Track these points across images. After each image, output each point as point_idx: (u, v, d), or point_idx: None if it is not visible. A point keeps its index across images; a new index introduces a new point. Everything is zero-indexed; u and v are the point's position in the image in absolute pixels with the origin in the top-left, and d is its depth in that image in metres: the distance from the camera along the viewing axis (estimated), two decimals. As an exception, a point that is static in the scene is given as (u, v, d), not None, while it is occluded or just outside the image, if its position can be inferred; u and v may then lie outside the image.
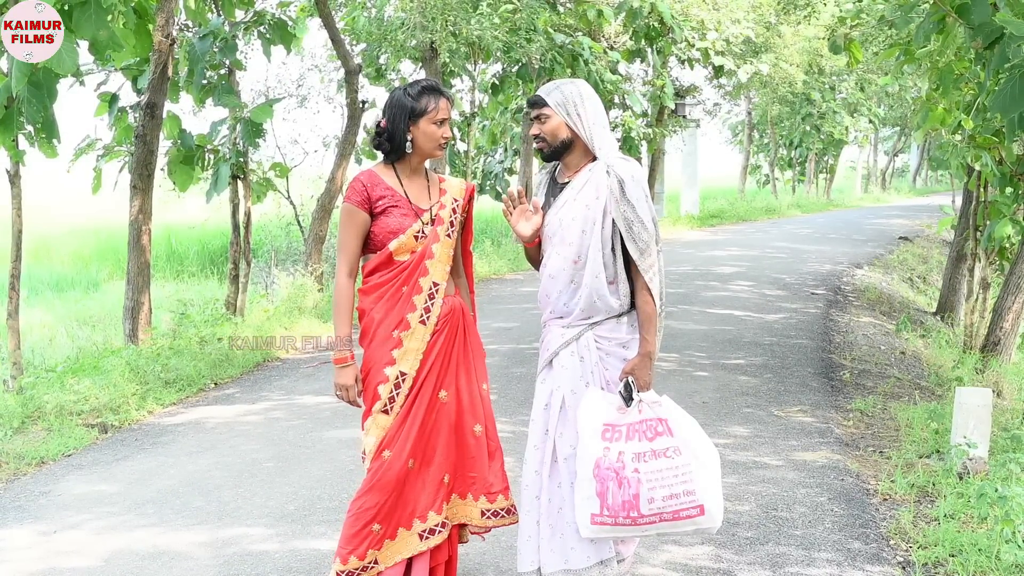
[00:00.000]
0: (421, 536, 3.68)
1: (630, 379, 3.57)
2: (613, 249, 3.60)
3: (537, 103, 3.64)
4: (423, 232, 3.68)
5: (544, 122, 3.62)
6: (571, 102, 3.59)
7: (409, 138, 3.64)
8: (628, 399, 3.54)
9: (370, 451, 3.64)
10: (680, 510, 3.45)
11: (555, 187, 3.73)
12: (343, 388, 3.70)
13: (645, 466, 3.46)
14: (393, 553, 3.65)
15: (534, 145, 3.71)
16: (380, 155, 3.76)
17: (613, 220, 3.57)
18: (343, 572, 3.59)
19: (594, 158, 3.64)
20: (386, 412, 3.63)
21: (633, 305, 3.67)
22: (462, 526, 3.87)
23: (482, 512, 3.80)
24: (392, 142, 3.67)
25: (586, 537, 3.51)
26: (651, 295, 3.61)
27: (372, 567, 3.62)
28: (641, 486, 3.43)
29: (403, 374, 3.64)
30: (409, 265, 3.67)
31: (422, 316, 3.66)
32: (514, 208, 3.70)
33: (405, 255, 3.67)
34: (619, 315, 3.65)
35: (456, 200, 3.79)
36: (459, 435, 3.76)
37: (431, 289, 3.68)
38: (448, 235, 3.74)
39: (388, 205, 3.65)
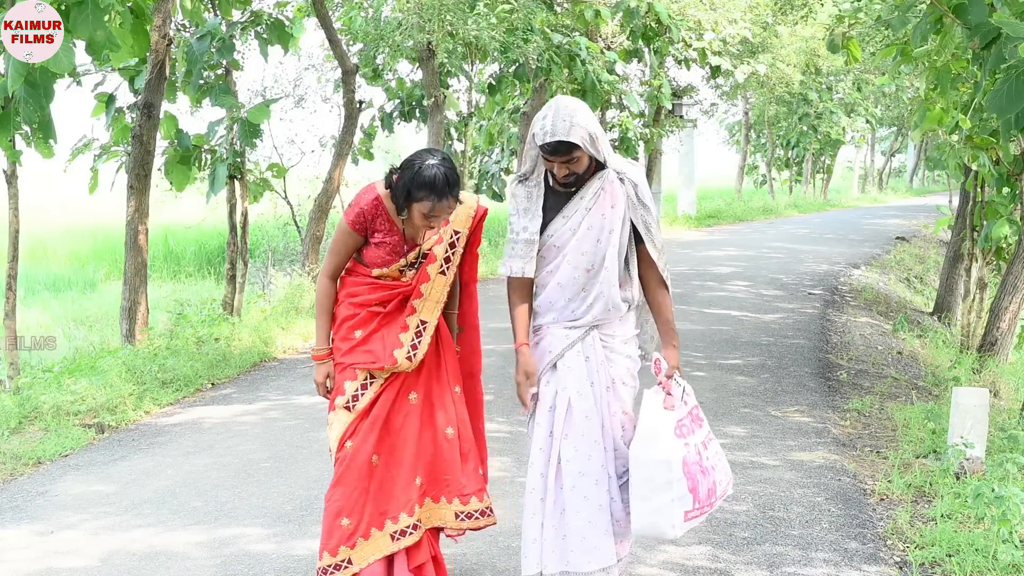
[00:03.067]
0: (393, 537, 3.69)
1: (677, 374, 3.65)
2: (626, 255, 3.64)
3: (568, 150, 3.47)
4: (406, 270, 3.72)
5: (575, 163, 3.51)
6: (589, 133, 3.48)
7: (405, 206, 3.63)
8: (682, 393, 3.65)
9: (333, 445, 3.68)
10: (726, 485, 3.73)
11: (557, 196, 3.64)
12: (317, 384, 3.80)
13: (709, 452, 3.65)
14: (367, 554, 3.67)
15: (561, 181, 3.57)
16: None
17: (630, 226, 3.61)
18: (319, 568, 3.65)
19: (599, 166, 3.62)
20: (348, 409, 3.66)
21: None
22: (439, 530, 3.87)
23: (456, 514, 3.81)
24: (394, 195, 3.64)
25: (675, 537, 3.60)
26: (668, 291, 3.70)
27: (346, 567, 3.63)
28: (715, 471, 3.64)
29: (372, 378, 3.69)
30: (386, 287, 3.72)
31: (409, 353, 3.69)
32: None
33: (386, 279, 3.73)
34: (623, 313, 3.68)
35: (457, 233, 3.75)
36: (431, 438, 3.77)
37: (418, 327, 3.70)
38: (442, 272, 3.73)
39: (381, 239, 3.67)
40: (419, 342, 3.69)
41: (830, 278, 14.62)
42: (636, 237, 3.66)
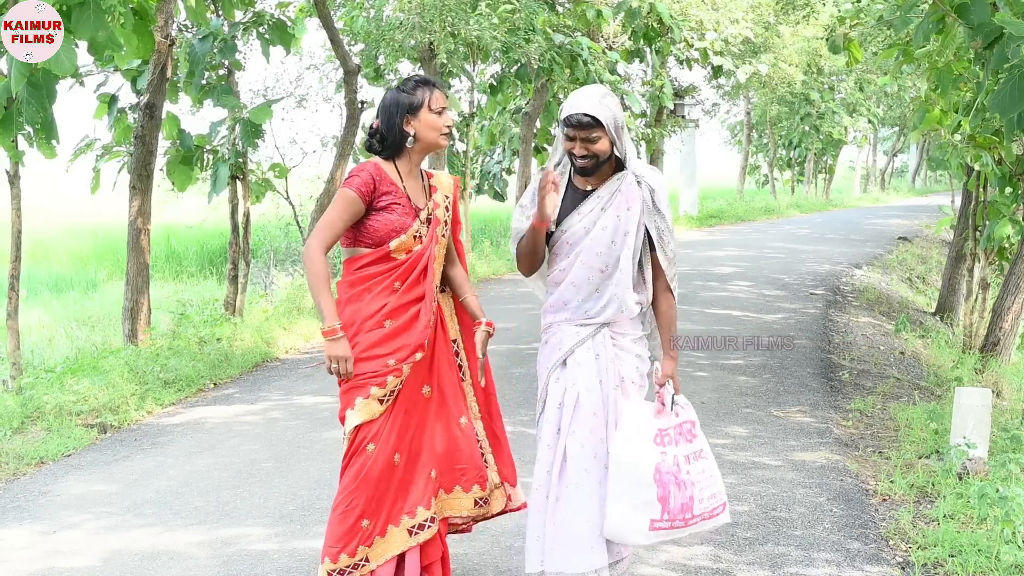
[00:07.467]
0: (410, 532, 3.68)
1: (671, 384, 3.64)
2: (640, 259, 3.65)
3: (590, 125, 3.44)
4: (420, 234, 3.68)
5: (596, 142, 3.46)
6: (615, 117, 3.46)
7: (411, 132, 3.64)
8: (671, 403, 3.62)
9: (348, 430, 3.59)
10: (714, 508, 3.61)
11: (575, 193, 3.66)
12: (337, 359, 3.56)
13: (692, 467, 3.58)
14: (383, 551, 3.65)
15: (578, 163, 3.52)
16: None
17: (645, 230, 3.59)
18: (334, 571, 3.57)
19: (618, 166, 3.61)
20: (381, 402, 3.61)
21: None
22: (448, 526, 3.89)
23: (476, 501, 3.84)
24: (384, 142, 3.68)
25: (642, 544, 3.58)
26: (674, 300, 3.69)
27: (363, 565, 3.61)
28: (695, 488, 3.55)
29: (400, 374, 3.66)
30: (404, 264, 3.66)
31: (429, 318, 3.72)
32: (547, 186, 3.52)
33: (401, 254, 3.67)
34: (635, 315, 3.69)
35: (447, 197, 3.83)
36: (445, 429, 3.77)
37: (436, 292, 3.73)
38: (443, 235, 3.78)
39: (391, 202, 3.65)
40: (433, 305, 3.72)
41: (832, 278, 14.61)
42: (649, 243, 3.66)
